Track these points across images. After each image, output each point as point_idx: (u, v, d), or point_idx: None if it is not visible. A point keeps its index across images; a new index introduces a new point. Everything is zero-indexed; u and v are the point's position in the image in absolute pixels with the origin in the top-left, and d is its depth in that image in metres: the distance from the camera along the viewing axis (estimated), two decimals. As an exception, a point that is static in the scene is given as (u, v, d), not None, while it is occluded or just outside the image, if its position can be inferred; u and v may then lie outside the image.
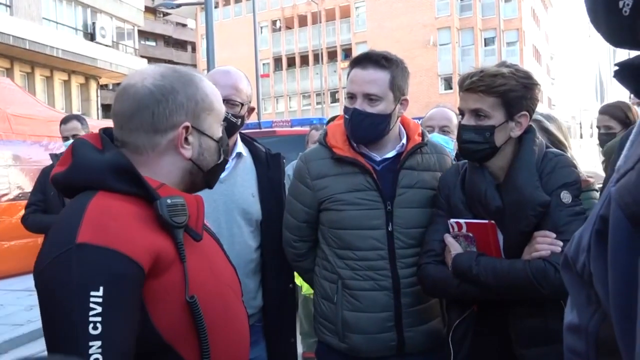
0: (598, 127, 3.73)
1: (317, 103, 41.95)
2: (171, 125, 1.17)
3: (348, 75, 1.98)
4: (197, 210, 1.19)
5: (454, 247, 1.73)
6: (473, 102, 1.71)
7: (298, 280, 2.37)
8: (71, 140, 3.96)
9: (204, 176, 1.26)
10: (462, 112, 1.77)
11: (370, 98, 1.88)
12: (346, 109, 1.93)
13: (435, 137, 2.74)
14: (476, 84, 1.69)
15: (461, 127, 1.75)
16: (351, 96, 1.92)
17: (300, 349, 3.44)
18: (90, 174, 1.11)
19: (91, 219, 1.03)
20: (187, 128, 1.18)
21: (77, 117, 4.12)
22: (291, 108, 44.89)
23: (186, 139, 1.19)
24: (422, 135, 2.03)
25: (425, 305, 1.95)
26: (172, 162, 1.20)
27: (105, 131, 1.23)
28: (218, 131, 1.26)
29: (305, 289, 3.40)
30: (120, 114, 1.18)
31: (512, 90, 1.68)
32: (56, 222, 1.10)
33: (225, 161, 1.32)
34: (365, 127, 1.90)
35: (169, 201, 1.11)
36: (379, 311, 1.89)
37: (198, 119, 1.21)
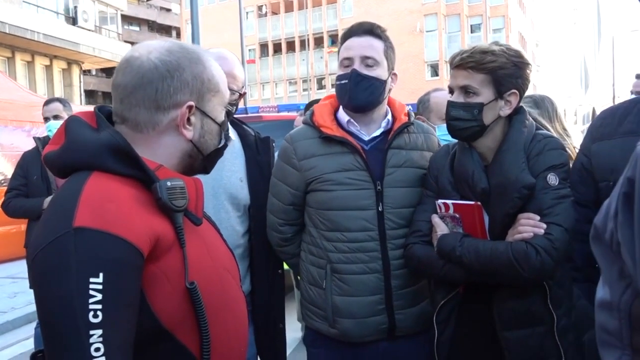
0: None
1: (304, 89, 41.75)
2: (174, 103, 1.13)
3: (339, 49, 1.97)
4: (196, 194, 1.15)
5: (441, 228, 1.73)
6: (462, 78, 1.70)
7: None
8: (52, 122, 3.89)
9: (202, 160, 1.22)
10: (451, 90, 1.76)
11: (367, 62, 1.89)
12: (342, 75, 1.91)
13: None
14: (465, 60, 1.68)
15: (449, 104, 1.74)
16: (347, 64, 1.91)
17: (300, 335, 3.39)
18: (85, 154, 1.06)
19: (88, 202, 0.98)
20: (190, 108, 1.14)
21: (60, 99, 4.07)
22: (277, 94, 44.63)
23: (189, 119, 1.15)
24: (408, 115, 2.02)
25: (415, 287, 1.94)
26: (172, 142, 1.15)
27: (101, 109, 1.18)
28: (221, 114, 1.22)
29: None
30: (122, 86, 1.13)
31: (501, 68, 1.67)
32: (50, 204, 1.05)
33: (225, 146, 1.27)
34: (364, 89, 1.88)
35: (168, 184, 1.07)
36: (369, 294, 1.88)
37: (202, 99, 1.16)
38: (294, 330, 3.77)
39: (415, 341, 1.91)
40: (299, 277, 2.11)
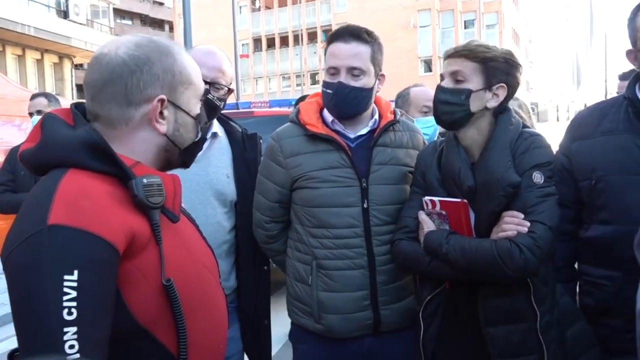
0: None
1: (297, 84, 41.64)
2: (145, 98, 1.12)
3: (326, 50, 1.95)
4: (173, 191, 1.15)
5: (427, 225, 1.75)
6: (454, 65, 1.73)
7: None
8: (35, 117, 3.86)
9: (180, 154, 1.21)
10: (442, 78, 1.78)
11: (354, 72, 1.87)
12: (328, 84, 1.91)
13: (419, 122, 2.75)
14: (459, 50, 1.73)
15: (438, 89, 1.76)
16: (333, 71, 1.90)
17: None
18: (61, 151, 1.06)
19: (63, 199, 0.98)
20: (162, 101, 1.13)
21: (46, 94, 4.03)
22: (270, 89, 44.51)
23: (161, 113, 1.14)
24: (394, 113, 2.03)
25: (400, 282, 1.95)
26: (146, 137, 1.15)
27: (77, 106, 1.18)
28: (196, 107, 1.21)
29: None
30: (92, 84, 1.13)
31: (493, 60, 1.71)
32: (25, 201, 1.05)
33: (203, 139, 1.27)
34: (350, 100, 1.88)
35: (144, 181, 1.07)
36: (354, 290, 1.89)
37: (175, 92, 1.16)
38: (285, 326, 3.77)
39: (400, 336, 1.92)
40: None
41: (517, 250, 1.57)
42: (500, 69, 1.71)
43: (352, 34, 1.89)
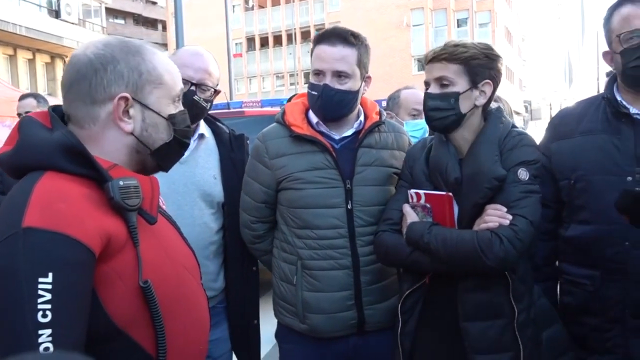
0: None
1: (291, 84, 41.59)
2: (109, 96, 1.13)
3: (312, 51, 1.96)
4: (151, 192, 1.15)
5: (411, 217, 1.76)
6: (437, 70, 1.75)
7: None
8: None
9: (152, 155, 1.20)
10: (427, 84, 1.80)
11: (339, 75, 1.88)
12: (314, 86, 1.91)
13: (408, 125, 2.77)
14: (439, 54, 1.74)
15: (426, 96, 1.78)
16: (318, 73, 1.91)
17: None
18: (37, 154, 1.06)
19: (38, 202, 0.98)
20: (125, 100, 1.13)
21: (35, 95, 3.98)
22: (264, 89, 44.42)
23: (127, 112, 1.14)
24: (380, 113, 2.04)
25: (384, 282, 1.97)
26: (115, 137, 1.15)
27: (55, 109, 1.18)
28: (168, 108, 1.20)
29: None
30: (62, 84, 1.15)
31: (474, 58, 1.72)
32: (2, 204, 1.05)
33: (178, 141, 1.23)
34: (336, 103, 1.89)
35: (121, 183, 1.07)
36: (338, 290, 1.90)
37: (141, 91, 1.15)
38: (276, 326, 3.77)
39: (384, 336, 1.93)
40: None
41: (497, 240, 1.59)
42: (482, 65, 1.73)
43: (338, 36, 1.89)
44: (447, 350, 1.77)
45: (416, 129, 2.77)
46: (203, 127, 2.16)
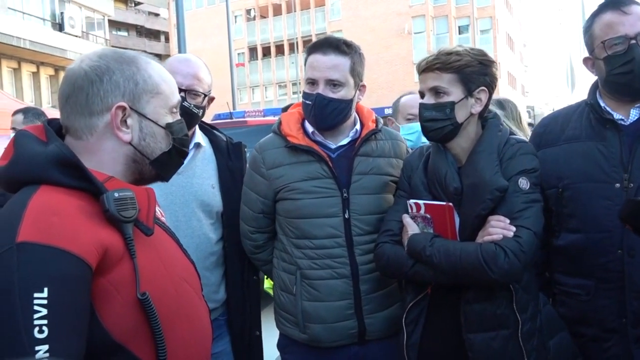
0: None
1: (294, 92, 41.67)
2: (107, 106, 1.13)
3: (306, 60, 1.96)
4: (147, 204, 1.14)
5: (411, 228, 1.74)
6: (431, 80, 1.73)
7: None
8: (12, 133, 3.85)
9: (151, 165, 1.20)
10: (422, 94, 1.78)
11: (332, 84, 1.88)
12: (307, 95, 1.91)
13: (404, 129, 2.77)
14: (432, 63, 1.71)
15: (421, 106, 1.76)
16: (312, 82, 1.91)
17: None
18: (32, 168, 1.06)
19: (33, 216, 0.98)
20: (123, 109, 1.14)
21: (24, 111, 3.93)
22: (267, 98, 44.55)
23: (125, 121, 1.15)
24: (376, 121, 2.03)
25: (384, 290, 1.95)
26: (112, 147, 1.15)
27: (51, 122, 1.19)
28: (165, 117, 1.20)
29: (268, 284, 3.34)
30: (59, 97, 1.16)
31: (467, 66, 1.70)
32: None
33: (177, 150, 1.24)
34: (329, 112, 1.89)
35: (116, 194, 1.06)
36: (338, 299, 1.89)
37: (139, 101, 1.16)
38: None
39: (385, 345, 1.92)
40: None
41: (502, 253, 1.57)
42: (476, 72, 1.71)
43: (330, 45, 1.90)
44: None
45: (410, 132, 2.78)
46: (199, 136, 2.14)
